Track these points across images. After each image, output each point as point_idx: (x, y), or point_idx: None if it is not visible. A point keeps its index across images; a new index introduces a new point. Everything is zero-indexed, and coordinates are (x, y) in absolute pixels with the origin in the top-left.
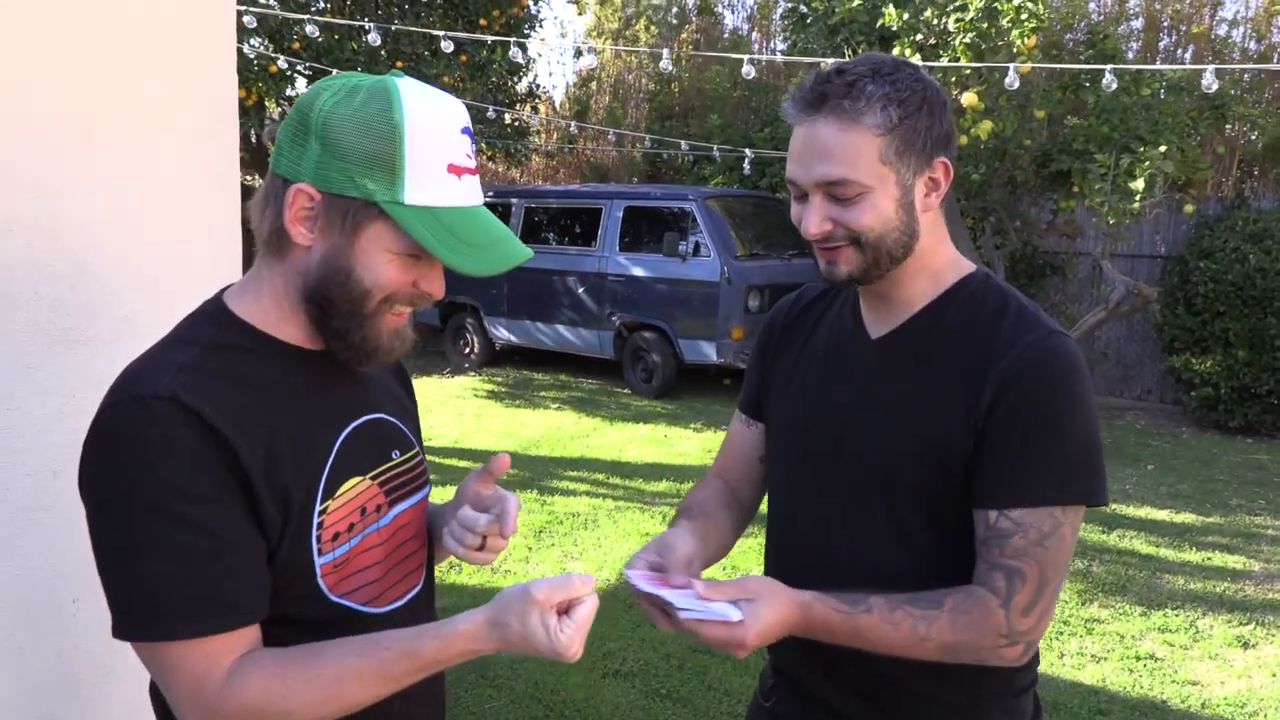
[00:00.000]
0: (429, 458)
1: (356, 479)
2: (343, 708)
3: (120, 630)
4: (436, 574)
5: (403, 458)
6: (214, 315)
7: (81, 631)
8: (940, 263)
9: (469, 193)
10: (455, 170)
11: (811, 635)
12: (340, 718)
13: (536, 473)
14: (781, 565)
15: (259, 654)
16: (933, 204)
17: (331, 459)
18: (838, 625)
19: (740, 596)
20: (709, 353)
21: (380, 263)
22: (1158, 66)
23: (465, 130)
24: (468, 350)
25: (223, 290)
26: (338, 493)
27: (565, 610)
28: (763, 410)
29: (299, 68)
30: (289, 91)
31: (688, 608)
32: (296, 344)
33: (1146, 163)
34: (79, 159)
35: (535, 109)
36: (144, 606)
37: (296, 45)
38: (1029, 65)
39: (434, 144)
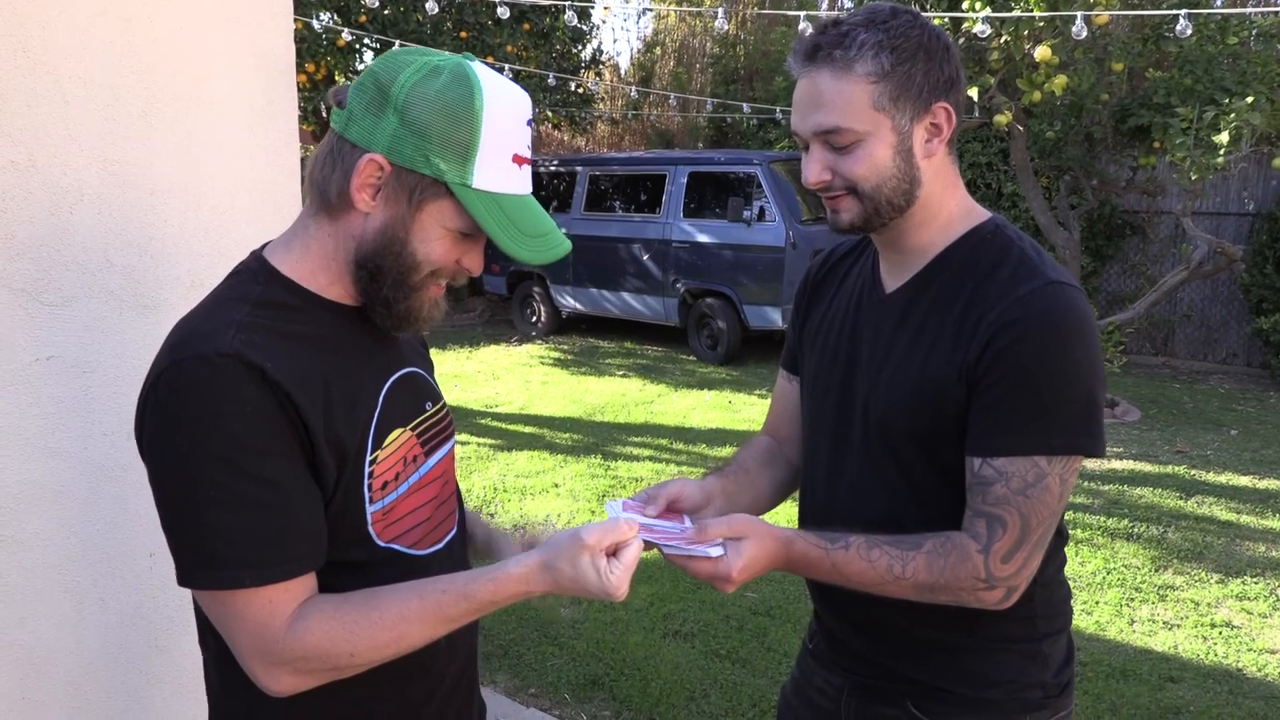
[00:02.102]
0: (495, 423)
1: (399, 430)
2: (403, 648)
3: (186, 578)
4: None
5: (434, 409)
6: (259, 273)
7: (158, 584)
8: (950, 213)
9: (525, 182)
10: (518, 160)
11: (794, 570)
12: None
13: (601, 439)
14: (804, 513)
15: (320, 599)
16: (935, 150)
17: (378, 412)
18: (816, 560)
19: (727, 535)
20: (774, 318)
21: (434, 237)
22: (1244, 10)
23: (529, 122)
24: (535, 318)
25: (261, 247)
26: (384, 443)
27: (613, 553)
28: (797, 362)
29: (365, 40)
30: (357, 65)
31: (672, 545)
32: (339, 300)
33: (1232, 115)
34: (141, 130)
35: (599, 75)
36: (210, 556)
37: (363, 18)
38: (1106, 15)
39: (505, 134)
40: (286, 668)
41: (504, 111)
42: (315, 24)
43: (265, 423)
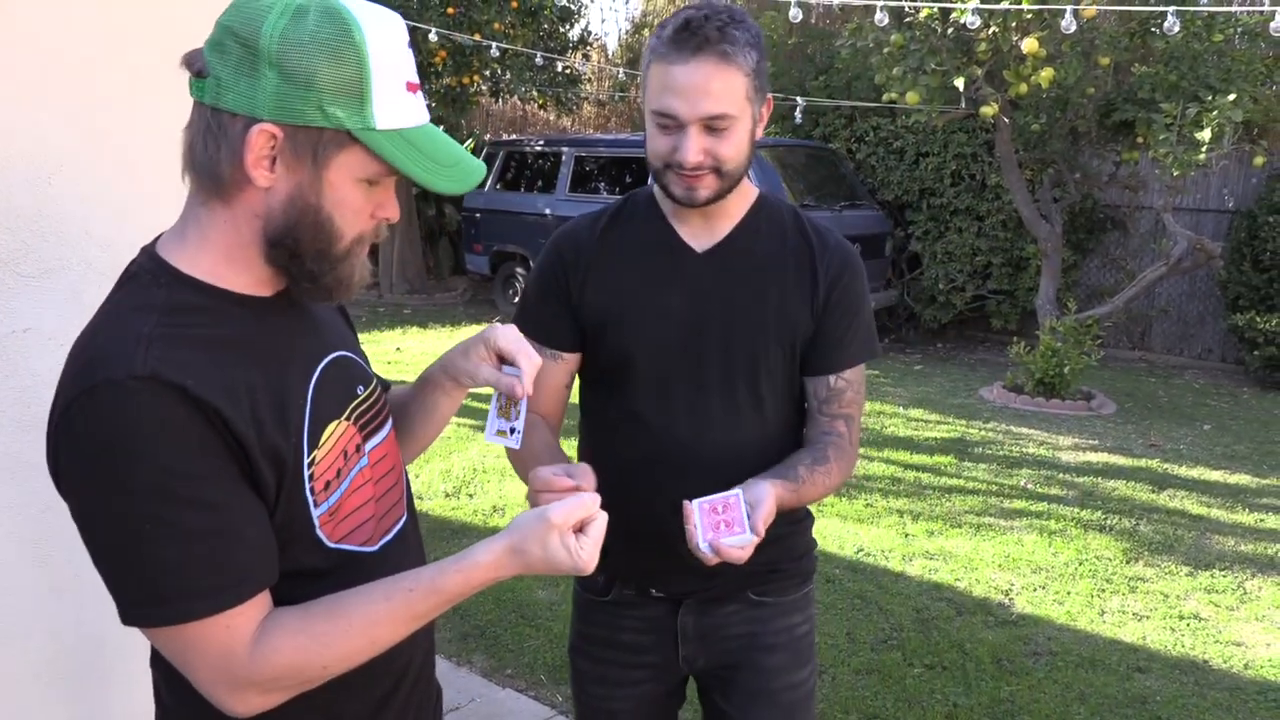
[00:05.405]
0: (475, 403)
1: (334, 423)
2: (375, 652)
3: (132, 617)
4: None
5: (367, 392)
6: (158, 275)
7: None
8: (745, 183)
9: (422, 110)
10: (411, 88)
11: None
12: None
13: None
14: (657, 456)
15: (281, 615)
16: (758, 134)
17: (309, 408)
18: (789, 502)
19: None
20: None
21: (346, 195)
22: (1231, 9)
23: (410, 45)
24: (517, 299)
25: (151, 245)
26: (321, 441)
27: (579, 528)
28: (574, 339)
29: None
30: None
31: (712, 532)
32: (250, 293)
33: (1215, 112)
34: (125, 100)
35: (587, 56)
36: (156, 590)
37: None
38: (1093, 8)
39: (392, 63)
40: (255, 690)
41: (386, 40)
42: None
43: (194, 444)
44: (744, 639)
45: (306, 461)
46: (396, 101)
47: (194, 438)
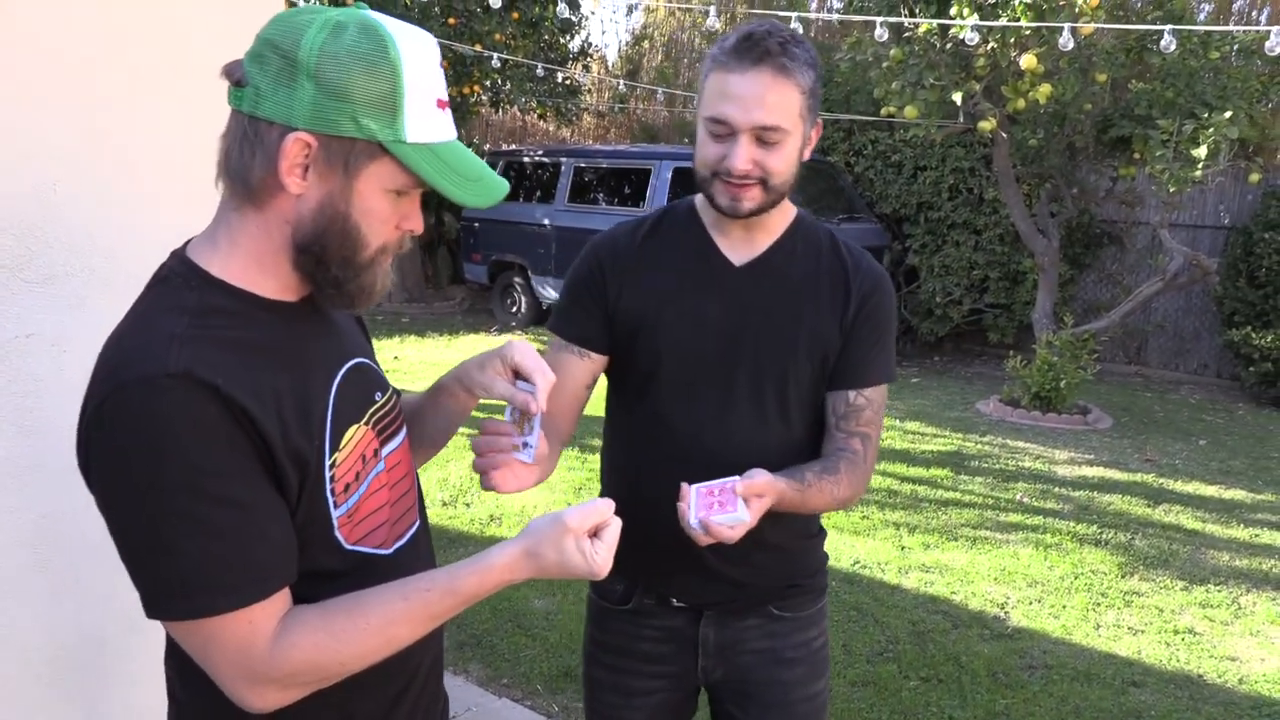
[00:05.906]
0: (473, 413)
1: (354, 426)
2: (391, 651)
3: (156, 611)
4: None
5: (384, 398)
6: (189, 278)
7: None
8: (785, 201)
9: (450, 126)
10: (441, 104)
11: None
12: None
13: (579, 431)
14: (683, 459)
15: (302, 612)
16: (806, 156)
17: (330, 411)
18: (792, 501)
19: (749, 494)
20: None
21: (374, 204)
22: (1228, 28)
23: (440, 63)
24: (515, 309)
25: (182, 249)
26: (342, 444)
27: (594, 533)
28: (604, 340)
29: None
30: None
31: (707, 511)
32: (277, 298)
33: (1210, 129)
34: (126, 100)
35: (587, 68)
36: (180, 585)
37: (349, 1)
38: (1091, 26)
39: (424, 80)
40: (274, 685)
41: (419, 57)
42: (302, 4)
43: (223, 442)
44: (764, 654)
45: (328, 463)
46: (427, 116)
47: (223, 436)
